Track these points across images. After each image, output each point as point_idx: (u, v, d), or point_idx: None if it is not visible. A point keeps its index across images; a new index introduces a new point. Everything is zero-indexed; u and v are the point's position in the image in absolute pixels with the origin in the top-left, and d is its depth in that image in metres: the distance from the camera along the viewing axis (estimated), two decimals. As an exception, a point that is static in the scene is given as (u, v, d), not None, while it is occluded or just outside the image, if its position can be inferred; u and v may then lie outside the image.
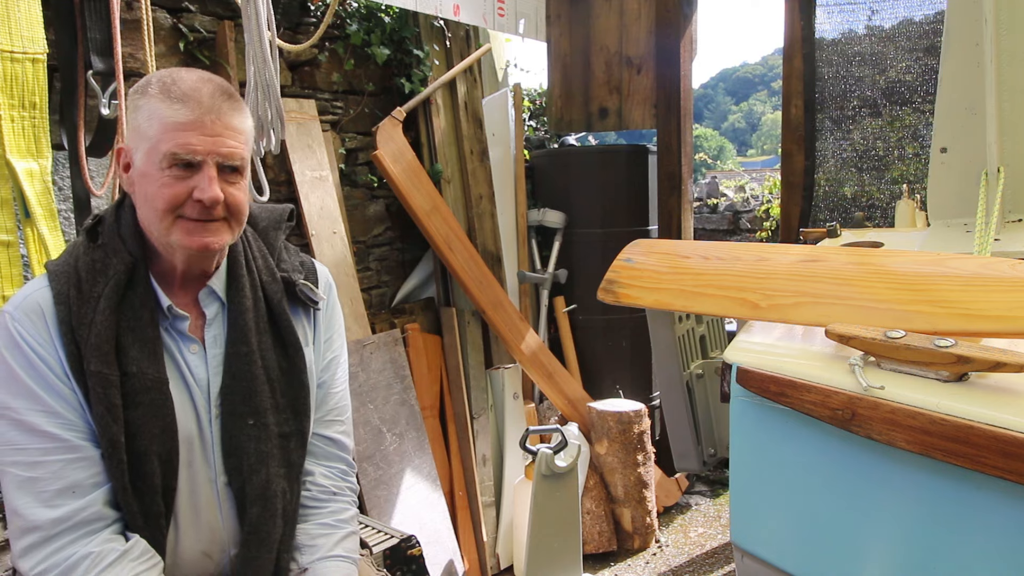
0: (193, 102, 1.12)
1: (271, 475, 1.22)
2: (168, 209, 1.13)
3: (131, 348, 1.14)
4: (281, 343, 1.28)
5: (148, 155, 1.13)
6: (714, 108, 79.93)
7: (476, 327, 3.35)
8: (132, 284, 1.17)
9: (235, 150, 1.16)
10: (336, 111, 2.99)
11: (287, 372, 1.27)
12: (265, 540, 1.22)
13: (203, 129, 1.12)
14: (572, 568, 2.66)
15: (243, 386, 1.21)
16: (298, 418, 1.28)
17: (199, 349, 1.22)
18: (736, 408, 1.30)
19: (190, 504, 1.20)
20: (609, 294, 1.59)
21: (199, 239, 1.15)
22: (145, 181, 1.14)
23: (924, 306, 1.19)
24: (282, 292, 1.30)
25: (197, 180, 1.13)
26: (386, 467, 2.79)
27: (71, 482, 1.09)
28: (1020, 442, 0.91)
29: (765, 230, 4.73)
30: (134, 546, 1.12)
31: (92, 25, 1.86)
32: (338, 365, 1.41)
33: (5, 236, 1.68)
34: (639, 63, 3.79)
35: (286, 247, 1.39)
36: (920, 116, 3.05)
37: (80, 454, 1.11)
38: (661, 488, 3.70)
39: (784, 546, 1.26)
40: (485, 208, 3.45)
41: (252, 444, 1.21)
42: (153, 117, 1.12)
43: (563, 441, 2.63)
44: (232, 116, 1.16)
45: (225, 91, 1.17)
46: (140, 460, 1.12)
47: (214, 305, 1.25)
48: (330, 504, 1.35)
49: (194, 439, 1.19)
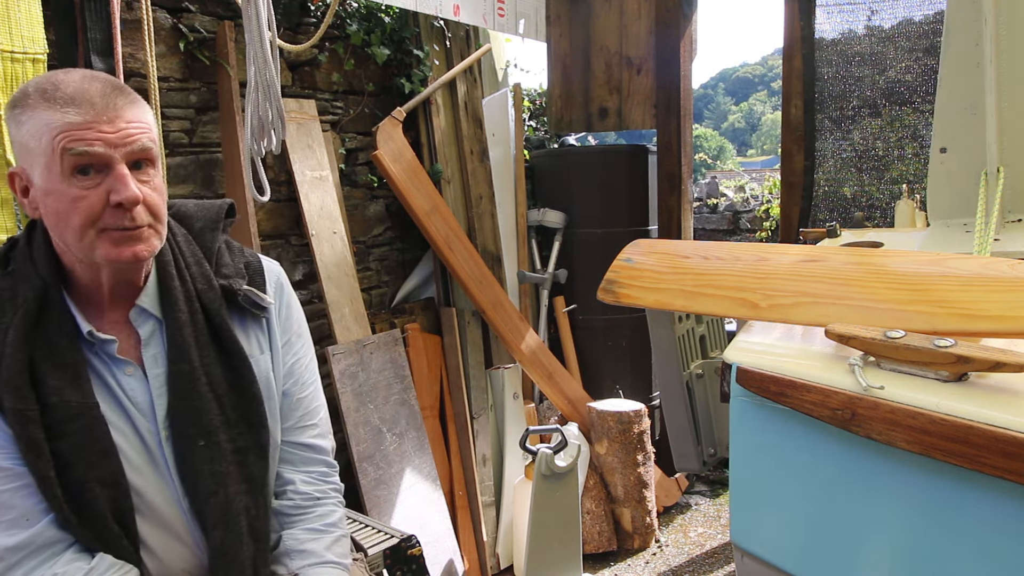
0: (85, 103, 1.03)
1: (231, 494, 1.16)
2: (86, 223, 1.04)
3: (49, 378, 1.07)
4: (226, 356, 1.20)
5: (47, 169, 1.03)
6: (714, 108, 79.93)
7: (476, 327, 3.35)
8: (45, 311, 1.09)
9: (142, 140, 1.07)
10: (336, 111, 2.99)
11: (235, 385, 1.20)
12: (233, 561, 1.16)
13: (102, 127, 1.03)
14: (572, 568, 2.66)
15: (189, 406, 1.15)
16: (253, 430, 1.20)
17: (135, 371, 1.15)
18: (736, 408, 1.30)
19: (158, 526, 1.15)
20: (609, 294, 1.58)
21: (128, 249, 1.07)
22: (52, 199, 1.05)
23: (924, 306, 1.19)
24: (221, 301, 1.21)
25: (110, 183, 1.04)
26: (386, 467, 2.79)
27: (22, 510, 1.06)
28: (1020, 442, 0.91)
29: (765, 230, 4.73)
30: (99, 562, 1.09)
31: (92, 25, 1.87)
32: (303, 368, 1.34)
33: (5, 236, 1.68)
34: (639, 63, 3.79)
35: (229, 246, 1.29)
36: (920, 116, 3.05)
37: (24, 480, 1.06)
38: (661, 488, 3.70)
39: (784, 546, 1.26)
40: (485, 208, 3.46)
41: (206, 465, 1.15)
42: (42, 128, 1.02)
43: (563, 441, 2.63)
44: (130, 109, 1.07)
45: (115, 86, 1.07)
46: (80, 488, 1.07)
47: (148, 323, 1.17)
48: (316, 509, 1.31)
49: (144, 463, 1.14)
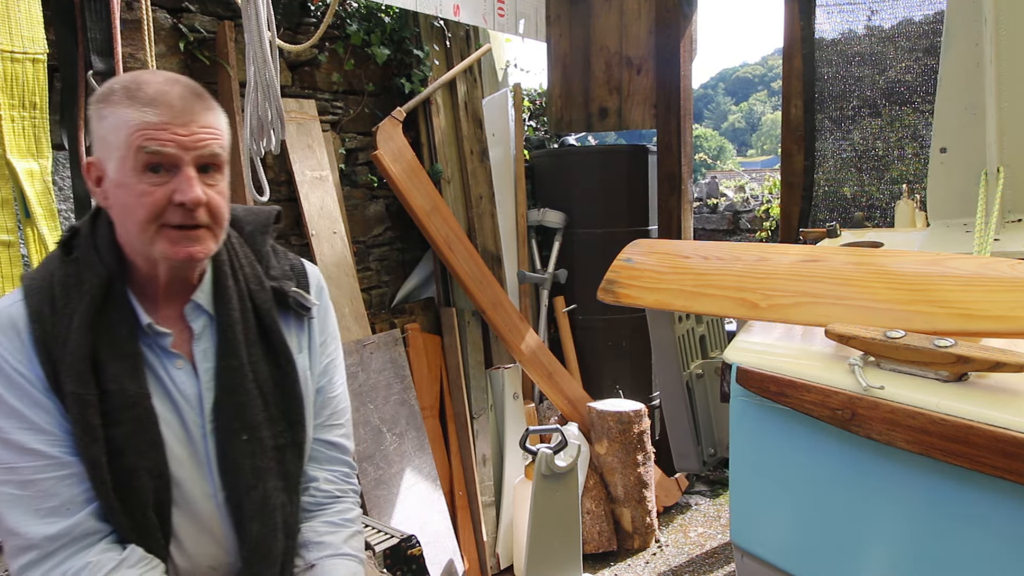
0: (163, 105, 1.08)
1: (269, 489, 1.20)
2: (150, 218, 1.09)
3: (109, 365, 1.10)
4: (273, 354, 1.24)
5: (121, 163, 1.08)
6: (714, 108, 79.91)
7: (476, 327, 3.35)
8: (109, 300, 1.13)
9: (213, 146, 1.12)
10: (336, 111, 2.99)
11: (280, 384, 1.24)
12: (267, 555, 1.20)
13: (176, 130, 1.08)
14: (572, 568, 2.66)
15: (235, 401, 1.19)
16: (293, 429, 1.25)
17: (185, 364, 1.18)
18: (736, 408, 1.30)
19: (190, 519, 1.18)
20: (609, 294, 1.58)
21: (184, 248, 1.11)
22: (121, 191, 1.10)
23: (924, 306, 1.19)
24: (271, 302, 1.26)
25: (176, 183, 1.09)
26: (386, 467, 2.79)
27: (64, 499, 1.08)
28: (1020, 442, 0.91)
29: (765, 230, 4.73)
30: (131, 553, 1.12)
31: (92, 25, 1.87)
32: (335, 369, 1.38)
33: (6, 236, 1.68)
34: (639, 63, 3.79)
35: (274, 250, 1.35)
36: (920, 116, 3.05)
37: (71, 470, 1.09)
38: (661, 488, 3.70)
39: (784, 546, 1.26)
40: (485, 208, 3.45)
41: (247, 460, 1.19)
42: (120, 124, 1.07)
43: (563, 441, 2.63)
44: (206, 115, 1.12)
45: (194, 91, 1.13)
46: (129, 476, 1.10)
47: (201, 319, 1.21)
48: (335, 505, 1.35)
49: (186, 456, 1.17)
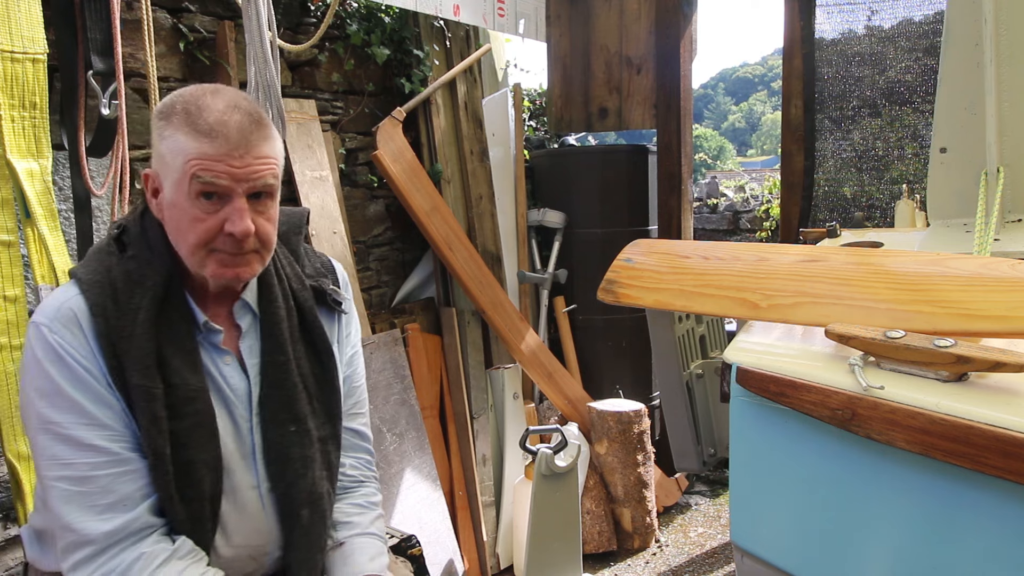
0: (221, 137, 1.10)
1: (316, 478, 1.26)
2: (199, 243, 1.14)
3: (172, 360, 1.15)
4: (314, 350, 1.31)
5: (176, 186, 1.13)
6: (714, 108, 79.93)
7: (476, 327, 3.35)
8: (168, 297, 1.18)
9: (267, 177, 1.15)
10: (336, 111, 2.99)
11: (320, 378, 1.31)
12: (316, 541, 1.27)
13: (232, 162, 1.11)
14: (572, 568, 2.66)
15: (283, 394, 1.25)
16: (332, 422, 1.32)
17: (232, 360, 1.24)
18: (736, 408, 1.30)
19: (234, 509, 1.22)
20: (609, 294, 1.59)
21: (232, 270, 1.17)
22: (175, 212, 1.14)
23: (924, 306, 1.19)
24: (312, 300, 1.34)
25: (227, 212, 1.13)
26: (386, 467, 2.79)
27: (121, 495, 1.10)
28: (1020, 442, 0.91)
29: (765, 230, 4.73)
30: (182, 545, 1.14)
31: (92, 25, 1.86)
32: (359, 359, 1.45)
33: (6, 236, 1.68)
34: (639, 63, 3.79)
35: (304, 249, 1.41)
36: (920, 116, 3.05)
37: (129, 467, 1.11)
38: (661, 488, 3.70)
39: (784, 546, 1.26)
40: (485, 208, 3.45)
41: (296, 450, 1.25)
42: (178, 150, 1.11)
43: (563, 441, 2.63)
44: (261, 145, 1.14)
45: (254, 119, 1.15)
46: (189, 469, 1.14)
47: (247, 316, 1.27)
48: (360, 488, 1.42)
49: (235, 447, 1.22)
